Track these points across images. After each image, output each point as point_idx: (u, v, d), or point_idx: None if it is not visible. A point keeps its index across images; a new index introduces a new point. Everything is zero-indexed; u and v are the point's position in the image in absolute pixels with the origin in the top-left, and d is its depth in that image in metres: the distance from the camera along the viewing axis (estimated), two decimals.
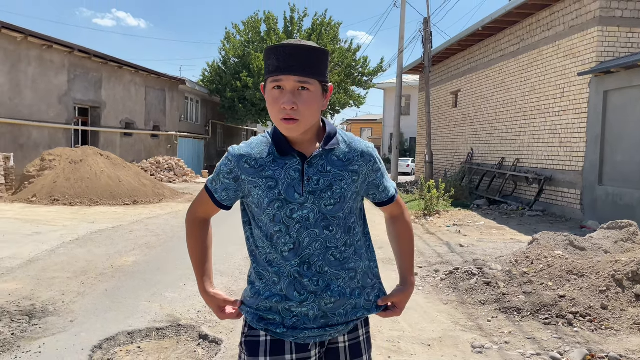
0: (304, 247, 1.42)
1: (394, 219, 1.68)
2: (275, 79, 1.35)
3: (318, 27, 24.14)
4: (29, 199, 11.00)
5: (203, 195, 1.55)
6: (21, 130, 13.32)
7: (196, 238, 1.58)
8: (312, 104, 1.37)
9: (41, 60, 13.92)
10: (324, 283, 1.43)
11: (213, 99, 24.77)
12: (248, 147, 1.46)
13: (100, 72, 16.53)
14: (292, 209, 1.40)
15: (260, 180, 1.42)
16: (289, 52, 1.34)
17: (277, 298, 1.43)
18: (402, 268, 1.66)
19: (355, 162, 1.47)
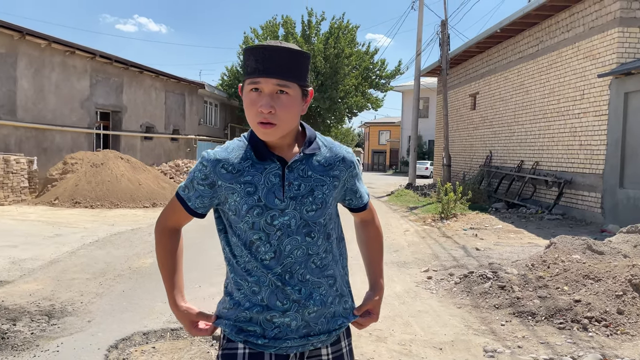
0: (285, 255, 1.37)
1: (364, 223, 1.65)
2: (254, 81, 1.29)
3: (335, 31, 24.19)
4: (52, 202, 11.25)
5: (174, 203, 1.46)
6: (45, 135, 13.63)
7: (166, 249, 1.48)
8: (291, 109, 1.31)
9: (64, 66, 14.23)
10: (307, 291, 1.38)
11: (232, 103, 25.00)
12: (224, 152, 1.39)
13: (122, 77, 16.83)
14: (273, 215, 1.35)
15: (238, 185, 1.35)
16: (269, 53, 1.28)
17: (258, 308, 1.37)
18: (373, 272, 1.63)
19: (337, 167, 1.44)
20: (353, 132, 47.12)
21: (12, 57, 12.53)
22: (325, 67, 23.08)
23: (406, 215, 12.25)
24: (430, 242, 8.22)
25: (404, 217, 11.87)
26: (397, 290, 5.25)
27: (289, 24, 24.62)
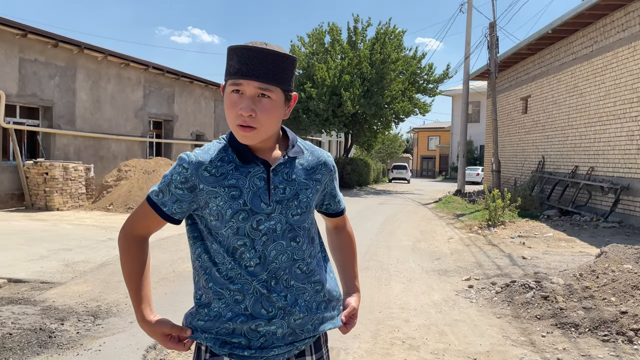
0: (270, 261, 1.33)
1: (338, 229, 1.65)
2: (235, 82, 1.26)
3: (382, 36, 24.10)
4: (106, 207, 11.78)
5: (145, 209, 1.37)
6: (101, 143, 14.30)
7: (133, 258, 1.38)
8: (272, 112, 1.28)
9: (119, 78, 14.91)
10: (292, 298, 1.35)
11: None
12: (206, 154, 1.33)
13: (173, 87, 17.43)
14: (259, 219, 1.31)
15: (222, 189, 1.30)
16: (253, 55, 1.25)
17: (242, 318, 1.32)
18: (348, 277, 1.60)
19: (319, 171, 1.43)
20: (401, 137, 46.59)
21: (72, 70, 13.25)
22: (371, 73, 23.01)
23: (452, 222, 12.01)
24: (474, 250, 8.02)
25: (450, 224, 11.64)
26: (435, 298, 5.16)
27: (334, 31, 24.73)
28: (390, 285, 5.71)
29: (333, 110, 23.32)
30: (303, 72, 24.53)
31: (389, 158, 45.30)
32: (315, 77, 22.93)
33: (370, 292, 5.34)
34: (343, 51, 24.35)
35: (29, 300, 4.71)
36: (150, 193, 1.36)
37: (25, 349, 3.51)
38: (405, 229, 10.73)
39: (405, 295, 5.29)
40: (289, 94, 1.33)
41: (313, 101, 22.80)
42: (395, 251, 7.89)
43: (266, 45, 1.28)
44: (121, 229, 1.41)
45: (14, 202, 11.74)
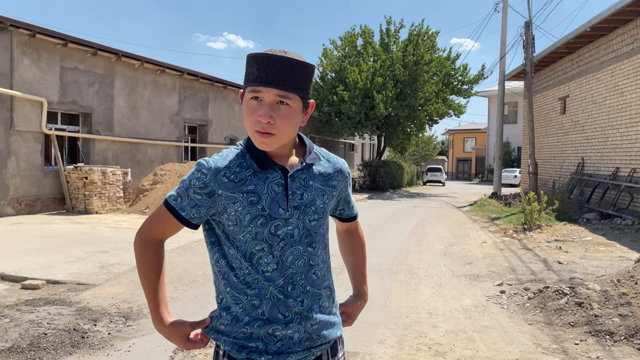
0: (287, 266, 1.34)
1: (349, 232, 1.68)
2: (255, 89, 1.28)
3: (415, 38, 23.88)
4: (143, 211, 12.07)
5: (162, 213, 1.38)
6: (138, 148, 14.68)
7: (150, 262, 1.40)
8: (290, 120, 1.30)
9: (155, 84, 15.28)
10: (309, 303, 1.37)
11: (312, 114, 25.46)
12: (224, 160, 1.34)
13: (207, 93, 17.75)
14: (277, 225, 1.33)
15: (241, 195, 1.31)
16: (272, 63, 1.27)
17: (259, 323, 1.33)
18: (357, 279, 1.66)
19: (335, 178, 1.45)
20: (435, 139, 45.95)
21: (110, 77, 13.67)
22: (404, 75, 22.83)
23: (486, 226, 11.77)
24: (508, 255, 7.84)
25: (484, 228, 11.42)
26: (465, 303, 5.07)
27: (367, 34, 24.66)
28: (419, 289, 5.64)
29: (365, 113, 23.24)
30: (335, 75, 24.56)
31: (423, 160, 44.78)
32: (348, 80, 22.92)
33: (399, 297, 5.29)
34: (375, 53, 24.25)
35: (65, 301, 4.87)
36: (168, 197, 1.37)
37: (59, 349, 3.63)
38: (438, 232, 10.58)
39: (434, 300, 5.21)
40: (307, 101, 1.35)
41: (345, 104, 22.79)
42: (426, 255, 7.79)
43: (285, 53, 1.29)
44: (137, 233, 1.43)
45: (55, 206, 12.18)
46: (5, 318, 4.28)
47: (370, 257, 7.46)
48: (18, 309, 4.55)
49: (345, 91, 23.02)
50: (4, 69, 10.95)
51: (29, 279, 5.64)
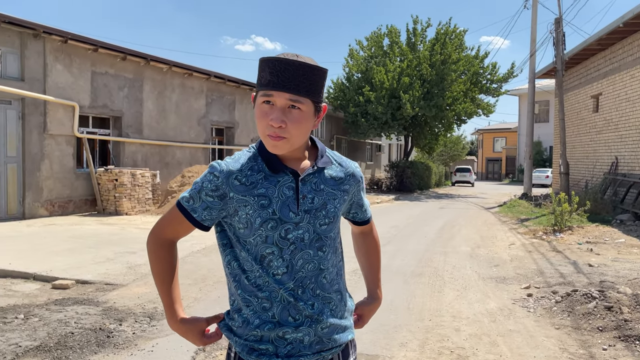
0: (297, 270, 1.35)
1: (364, 235, 1.68)
2: (267, 93, 1.28)
3: (442, 37, 23.61)
4: None
5: (175, 214, 1.40)
6: (167, 150, 14.94)
7: (163, 261, 1.43)
8: (302, 124, 1.30)
9: (183, 87, 15.52)
10: (319, 306, 1.37)
11: (337, 115, 25.42)
12: (236, 163, 1.36)
13: (234, 95, 17.93)
14: (287, 229, 1.33)
15: (252, 198, 1.32)
16: (284, 67, 1.27)
17: (270, 325, 1.34)
18: (371, 281, 1.66)
19: (347, 182, 1.45)
20: (464, 139, 45.27)
21: (139, 81, 13.95)
22: (431, 75, 22.60)
23: (515, 227, 11.54)
24: (536, 257, 7.67)
25: (512, 229, 11.20)
26: (490, 307, 4.98)
27: (393, 33, 24.50)
28: (443, 292, 5.57)
29: (392, 113, 23.09)
30: (362, 75, 24.49)
31: (452, 161, 44.23)
32: (374, 80, 22.83)
33: (422, 300, 5.24)
34: (402, 53, 24.07)
35: (92, 301, 4.99)
36: (180, 199, 1.39)
37: (85, 348, 3.72)
38: (465, 234, 10.43)
39: (459, 303, 5.13)
40: (319, 105, 1.35)
41: (371, 104, 22.70)
42: (451, 257, 7.69)
43: (298, 57, 1.29)
44: (150, 233, 1.45)
45: (87, 207, 12.49)
46: (35, 317, 4.41)
47: (394, 258, 7.41)
48: (47, 309, 4.68)
49: (372, 91, 22.92)
50: (38, 74, 11.29)
51: (60, 279, 5.79)
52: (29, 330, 4.07)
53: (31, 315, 4.48)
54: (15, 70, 10.95)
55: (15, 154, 11.09)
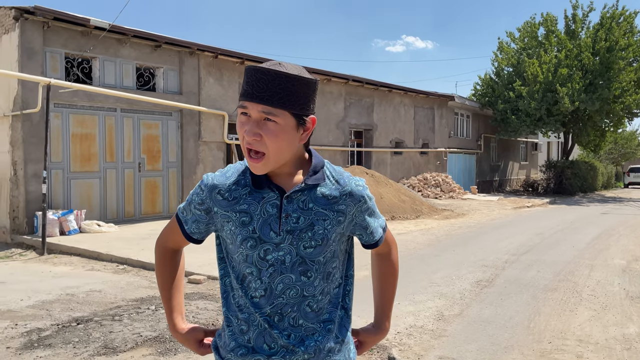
0: (277, 295, 1.27)
1: (380, 257, 1.51)
2: (242, 104, 1.22)
3: (607, 21, 20.96)
4: None
5: (173, 223, 1.40)
6: None
7: (165, 269, 1.43)
8: (279, 137, 1.21)
9: (322, 92, 16.05)
10: (297, 337, 1.28)
11: (485, 113, 24.05)
12: (222, 177, 1.31)
13: (372, 98, 18.03)
14: (267, 249, 1.25)
15: (234, 214, 1.27)
16: (259, 76, 1.19)
17: (243, 350, 1.29)
18: (379, 309, 1.51)
19: (342, 202, 1.30)
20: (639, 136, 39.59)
21: None
22: (594, 64, 20.22)
23: None
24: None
25: None
26: (628, 331, 4.28)
27: (549, 22, 22.41)
28: (575, 311, 4.93)
29: (547, 109, 21.17)
30: (512, 70, 22.89)
31: (625, 160, 39.07)
32: (526, 73, 21.16)
33: (547, 318, 4.70)
34: (559, 43, 21.94)
35: (214, 297, 5.39)
36: (178, 208, 1.40)
37: None
38: (623, 244, 9.12)
39: (591, 325, 4.50)
40: (303, 118, 1.24)
41: (523, 100, 21.08)
42: (598, 271, 6.78)
43: (279, 66, 1.21)
44: (157, 240, 1.46)
45: None
46: (162, 310, 4.90)
47: (529, 270, 6.78)
48: None
49: (523, 86, 21.28)
50: (194, 88, 12.58)
51: (194, 274, 6.36)
52: (154, 322, 4.53)
53: (160, 307, 4.98)
54: (175, 85, 12.34)
55: (175, 159, 12.50)
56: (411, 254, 7.96)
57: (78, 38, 10.11)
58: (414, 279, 6.20)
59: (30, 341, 4.12)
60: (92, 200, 10.49)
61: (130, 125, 11.17)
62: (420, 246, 8.63)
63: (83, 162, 10.35)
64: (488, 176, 25.94)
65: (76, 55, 10.21)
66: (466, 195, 19.47)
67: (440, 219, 12.56)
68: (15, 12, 9.24)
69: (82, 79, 10.34)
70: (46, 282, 6.31)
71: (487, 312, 4.87)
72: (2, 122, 9.80)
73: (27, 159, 9.38)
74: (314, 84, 1.24)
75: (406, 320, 4.63)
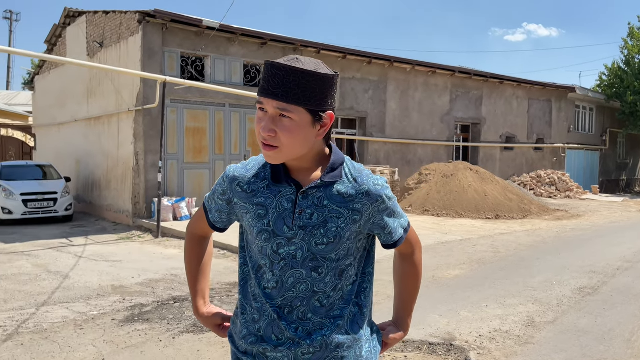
0: (287, 289, 1.28)
1: (402, 257, 1.48)
2: (259, 100, 1.23)
3: None
4: (406, 209, 12.60)
5: (201, 211, 1.46)
6: (408, 148, 15.35)
7: (192, 255, 1.50)
8: (294, 133, 1.21)
9: (426, 85, 15.68)
10: (304, 331, 1.29)
11: (611, 105, 21.85)
12: (243, 169, 1.35)
13: (481, 90, 17.24)
14: (279, 243, 1.27)
15: (251, 206, 1.30)
16: (275, 72, 1.19)
17: (253, 339, 1.32)
18: (401, 309, 1.49)
19: (359, 200, 1.29)
20: None
21: (383, 82, 14.67)
22: None
23: None
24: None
25: None
26: None
27: None
28: None
29: None
30: None
31: None
32: None
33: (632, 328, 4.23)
34: None
35: None
36: (205, 197, 1.45)
37: None
38: None
39: None
40: (319, 114, 1.23)
41: None
42: None
43: (297, 61, 1.19)
44: (187, 225, 1.54)
45: None
46: None
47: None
48: None
49: None
50: None
51: None
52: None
53: None
54: None
55: None
56: (510, 255, 7.54)
57: (192, 38, 10.88)
58: (507, 282, 5.89)
59: (133, 315, 4.58)
60: (202, 189, 11.27)
61: (238, 120, 11.81)
62: (522, 247, 8.14)
63: (195, 154, 11.15)
64: (613, 175, 23.65)
65: (190, 54, 11.01)
66: (585, 196, 17.93)
67: (550, 219, 11.72)
68: (139, 15, 10.18)
69: (195, 77, 11.13)
70: (156, 263, 6.94)
71: (585, 322, 4.49)
72: (127, 116, 10.88)
73: (147, 150, 10.33)
74: (331, 79, 1.22)
75: (491, 324, 4.42)
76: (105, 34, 11.79)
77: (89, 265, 6.71)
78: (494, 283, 5.84)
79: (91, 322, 4.39)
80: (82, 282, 5.83)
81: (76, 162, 13.40)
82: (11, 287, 5.56)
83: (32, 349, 3.77)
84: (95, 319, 4.46)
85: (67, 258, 7.20)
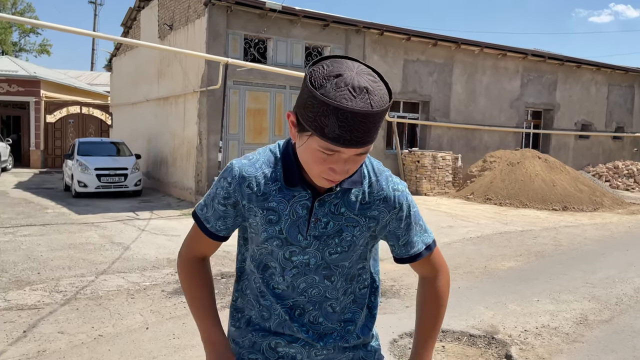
0: (299, 293, 1.23)
1: (424, 281, 1.35)
2: (332, 148, 1.05)
3: None
4: (467, 196, 12.24)
5: (194, 229, 1.29)
6: (473, 134, 14.82)
7: (194, 281, 1.29)
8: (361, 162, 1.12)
9: (495, 69, 15.01)
10: (315, 334, 1.25)
11: None
12: (252, 167, 1.21)
13: (555, 74, 16.28)
14: (293, 251, 1.20)
15: (261, 210, 1.19)
16: (359, 120, 1.01)
17: (264, 333, 1.27)
18: (417, 340, 1.34)
19: (375, 207, 1.21)
20: None
21: (449, 65, 14.20)
22: None
23: None
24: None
25: None
26: None
27: None
28: None
29: None
30: None
31: None
32: None
33: None
34: None
35: None
36: (196, 206, 1.29)
37: None
38: None
39: None
40: None
41: None
42: None
43: (369, 97, 1.02)
44: (179, 254, 1.34)
45: None
46: None
47: None
48: None
49: None
50: None
51: None
52: None
53: None
54: None
55: None
56: (572, 249, 7.15)
57: (255, 20, 11.02)
58: (565, 277, 5.60)
59: (181, 288, 4.78)
60: None
61: None
62: (588, 242, 7.69)
63: (255, 135, 11.38)
64: None
65: (253, 36, 11.16)
66: None
67: (624, 213, 10.96)
68: None
69: (257, 59, 11.29)
70: None
71: None
72: (192, 97, 11.24)
73: (210, 130, 10.64)
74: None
75: (539, 319, 4.23)
76: (175, 16, 12.19)
77: (150, 238, 7.06)
78: (549, 277, 5.57)
79: (142, 292, 4.64)
80: (141, 254, 6.15)
81: (147, 141, 14.06)
82: (77, 255, 5.96)
83: (85, 314, 4.04)
84: (147, 290, 4.70)
85: (131, 230, 7.61)
